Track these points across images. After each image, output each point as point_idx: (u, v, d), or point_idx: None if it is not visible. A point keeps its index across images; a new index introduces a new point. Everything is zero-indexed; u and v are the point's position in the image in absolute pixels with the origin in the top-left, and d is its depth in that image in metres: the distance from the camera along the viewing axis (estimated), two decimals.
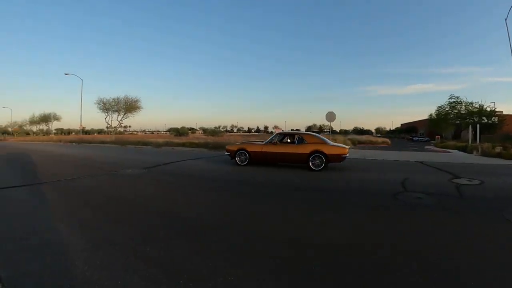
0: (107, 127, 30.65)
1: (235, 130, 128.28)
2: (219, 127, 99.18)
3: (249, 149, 8.71)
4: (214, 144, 17.13)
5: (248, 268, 2.31)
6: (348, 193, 5.16)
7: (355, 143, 23.26)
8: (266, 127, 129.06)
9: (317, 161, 7.79)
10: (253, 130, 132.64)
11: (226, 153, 9.35)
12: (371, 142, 27.81)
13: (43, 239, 2.93)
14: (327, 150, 7.82)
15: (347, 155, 8.03)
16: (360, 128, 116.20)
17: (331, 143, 8.55)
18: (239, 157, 8.81)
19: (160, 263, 2.42)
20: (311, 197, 4.93)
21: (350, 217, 3.67)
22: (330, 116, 17.89)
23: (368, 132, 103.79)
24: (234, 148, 9.04)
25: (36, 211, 3.99)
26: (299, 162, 8.18)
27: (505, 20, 19.49)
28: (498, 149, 12.80)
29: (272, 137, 8.99)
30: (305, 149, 8.00)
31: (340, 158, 7.92)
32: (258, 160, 8.66)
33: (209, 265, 2.34)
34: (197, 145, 17.88)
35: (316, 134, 9.64)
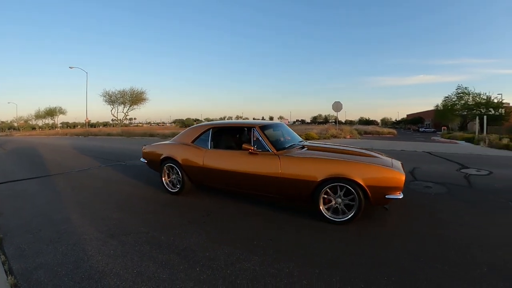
0: (112, 120, 30.92)
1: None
2: (225, 118, 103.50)
3: None
4: None
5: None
6: None
7: (361, 133, 23.29)
8: (271, 118, 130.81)
9: None
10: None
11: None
12: (377, 133, 27.80)
13: (59, 230, 3.04)
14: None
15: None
16: (366, 119, 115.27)
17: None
18: None
19: None
20: None
21: None
22: (337, 106, 17.87)
23: (373, 122, 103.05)
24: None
25: (49, 202, 4.18)
26: None
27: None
28: (505, 140, 12.76)
29: None
30: None
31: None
32: None
33: None
34: None
35: None
